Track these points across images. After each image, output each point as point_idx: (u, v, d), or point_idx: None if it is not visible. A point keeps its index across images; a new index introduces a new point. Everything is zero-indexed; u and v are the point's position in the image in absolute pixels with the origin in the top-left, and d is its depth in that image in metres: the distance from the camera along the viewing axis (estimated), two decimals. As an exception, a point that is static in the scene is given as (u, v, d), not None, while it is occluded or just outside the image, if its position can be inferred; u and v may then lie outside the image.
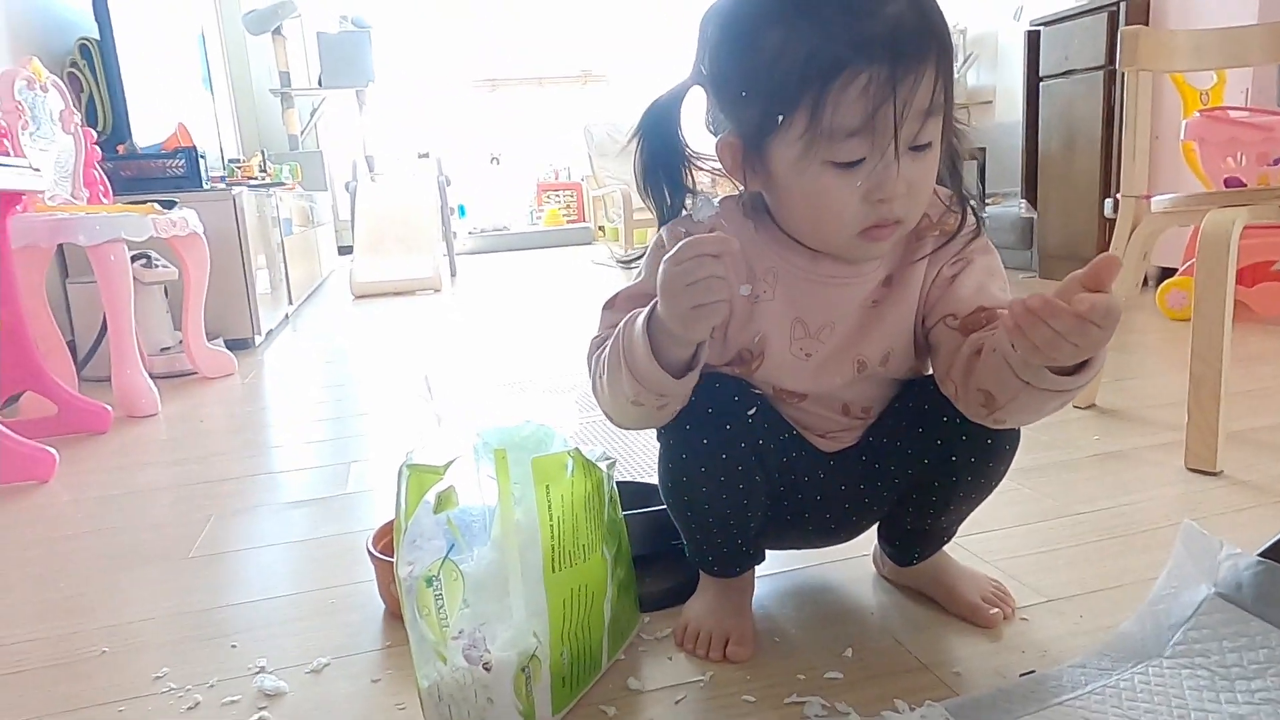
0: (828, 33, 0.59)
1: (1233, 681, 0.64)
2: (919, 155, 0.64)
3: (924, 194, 0.67)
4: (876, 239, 0.67)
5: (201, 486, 1.35)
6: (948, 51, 0.62)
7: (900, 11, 0.60)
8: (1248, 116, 2.12)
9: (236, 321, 2.57)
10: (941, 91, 0.62)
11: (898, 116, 0.60)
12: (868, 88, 0.59)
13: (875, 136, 0.61)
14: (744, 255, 0.72)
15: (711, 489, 0.74)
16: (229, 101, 5.07)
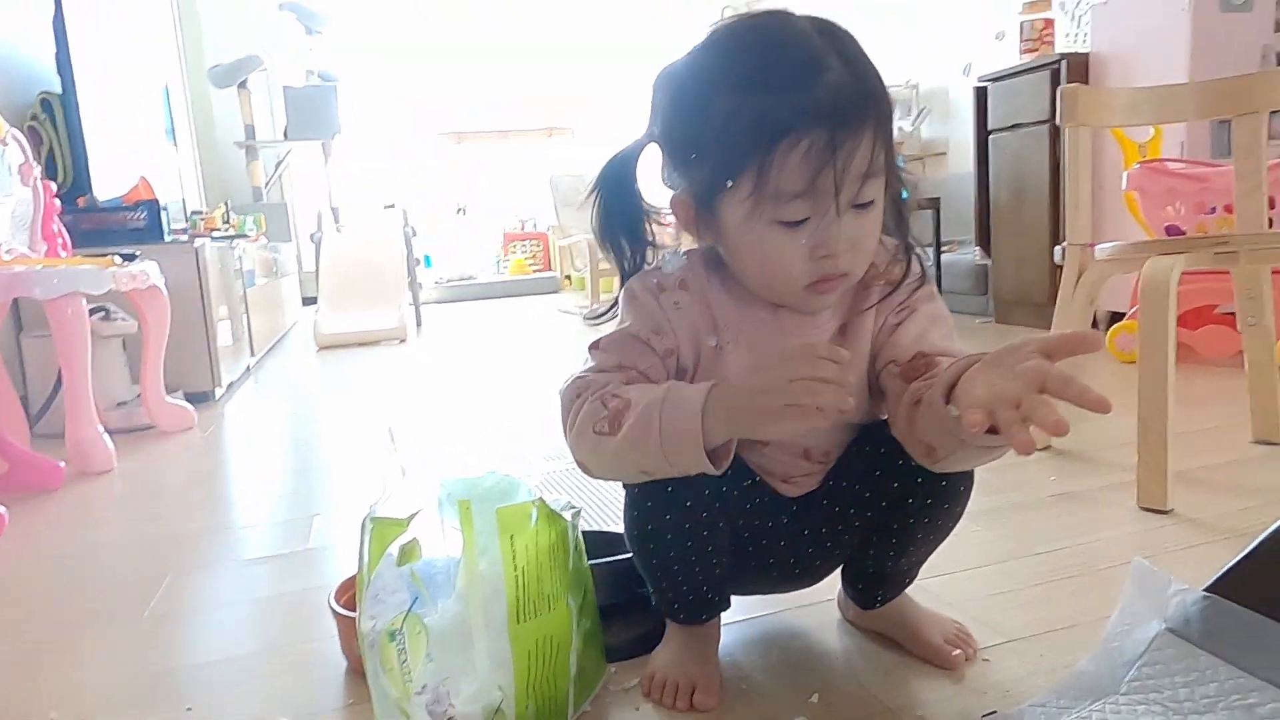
0: (772, 101, 0.62)
1: (1185, 716, 0.66)
2: (861, 212, 0.67)
3: (868, 248, 0.69)
4: (824, 291, 0.69)
5: (157, 544, 1.32)
6: (886, 115, 0.66)
7: (840, 80, 0.63)
8: (1184, 168, 2.23)
9: (197, 374, 2.54)
10: (881, 153, 0.65)
11: (838, 179, 0.63)
12: (809, 153, 0.62)
13: (817, 198, 0.64)
14: (709, 308, 0.74)
15: (677, 536, 0.75)
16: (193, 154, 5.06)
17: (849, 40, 0.66)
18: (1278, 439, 1.48)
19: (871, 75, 0.65)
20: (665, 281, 0.76)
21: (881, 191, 0.68)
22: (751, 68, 0.64)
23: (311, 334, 3.91)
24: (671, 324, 0.74)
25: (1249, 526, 0.70)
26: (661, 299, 0.75)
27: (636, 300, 0.75)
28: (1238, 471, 1.35)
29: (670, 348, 0.74)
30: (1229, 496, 1.24)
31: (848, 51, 0.65)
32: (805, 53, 0.63)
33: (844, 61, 0.64)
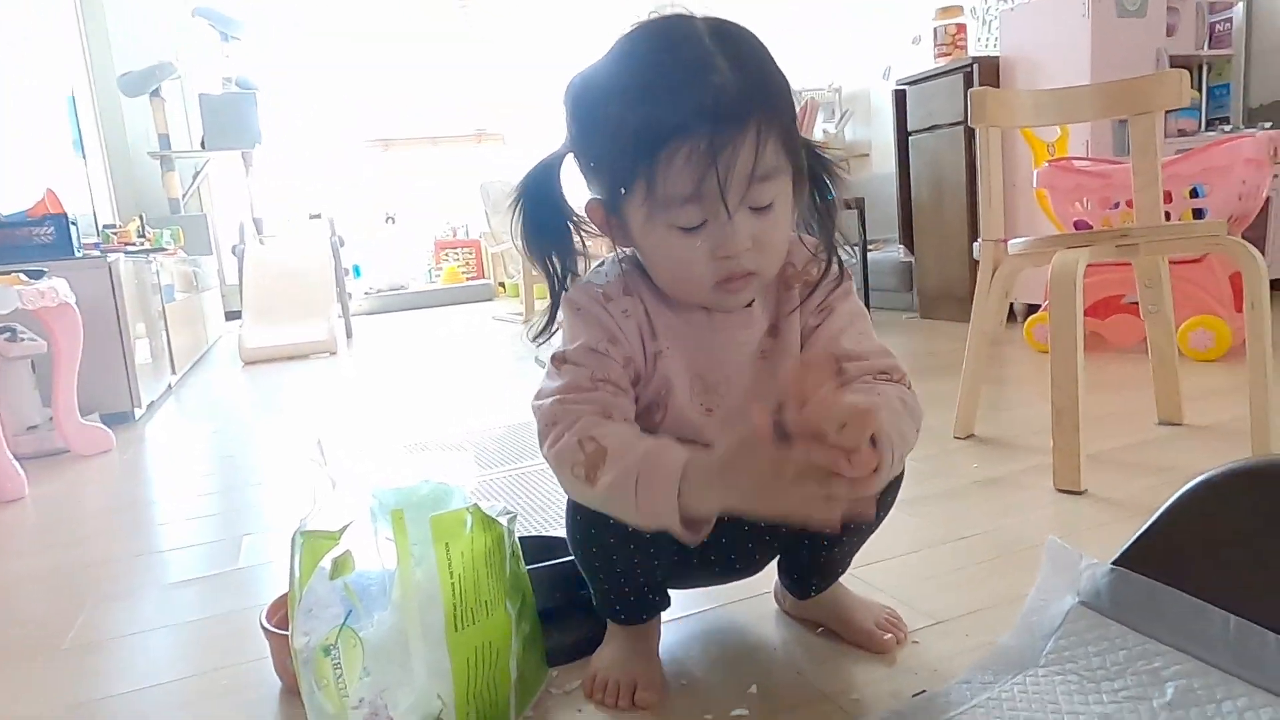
0: (654, 108, 0.63)
1: (1099, 683, 0.69)
2: (760, 214, 0.67)
3: (775, 247, 0.70)
4: (732, 290, 0.70)
5: (75, 572, 1.27)
6: (777, 116, 0.65)
7: (723, 83, 0.62)
8: (1089, 165, 2.34)
9: (114, 394, 2.43)
10: (776, 154, 0.65)
11: (722, 183, 0.63)
12: (690, 159, 0.63)
13: (706, 202, 0.65)
14: (648, 312, 0.75)
15: (619, 538, 0.75)
16: (103, 165, 4.86)
17: (744, 41, 0.66)
18: (1180, 420, 1.56)
19: (762, 75, 0.65)
20: (609, 290, 0.75)
21: (786, 191, 0.68)
22: (639, 75, 0.65)
23: (236, 349, 3.79)
24: (624, 332, 0.74)
25: (1155, 502, 0.75)
26: (610, 308, 0.74)
27: (584, 312, 0.74)
28: (1144, 451, 1.43)
29: (628, 355, 0.74)
30: (1137, 475, 1.31)
31: (741, 52, 0.65)
32: (691, 56, 0.63)
33: (733, 63, 0.63)
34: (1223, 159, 2.10)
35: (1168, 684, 0.66)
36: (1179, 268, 2.11)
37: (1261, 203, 2.28)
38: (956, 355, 1.65)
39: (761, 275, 0.71)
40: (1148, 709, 0.66)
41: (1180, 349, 1.78)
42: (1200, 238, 1.33)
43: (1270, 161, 2.19)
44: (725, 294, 0.71)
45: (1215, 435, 1.49)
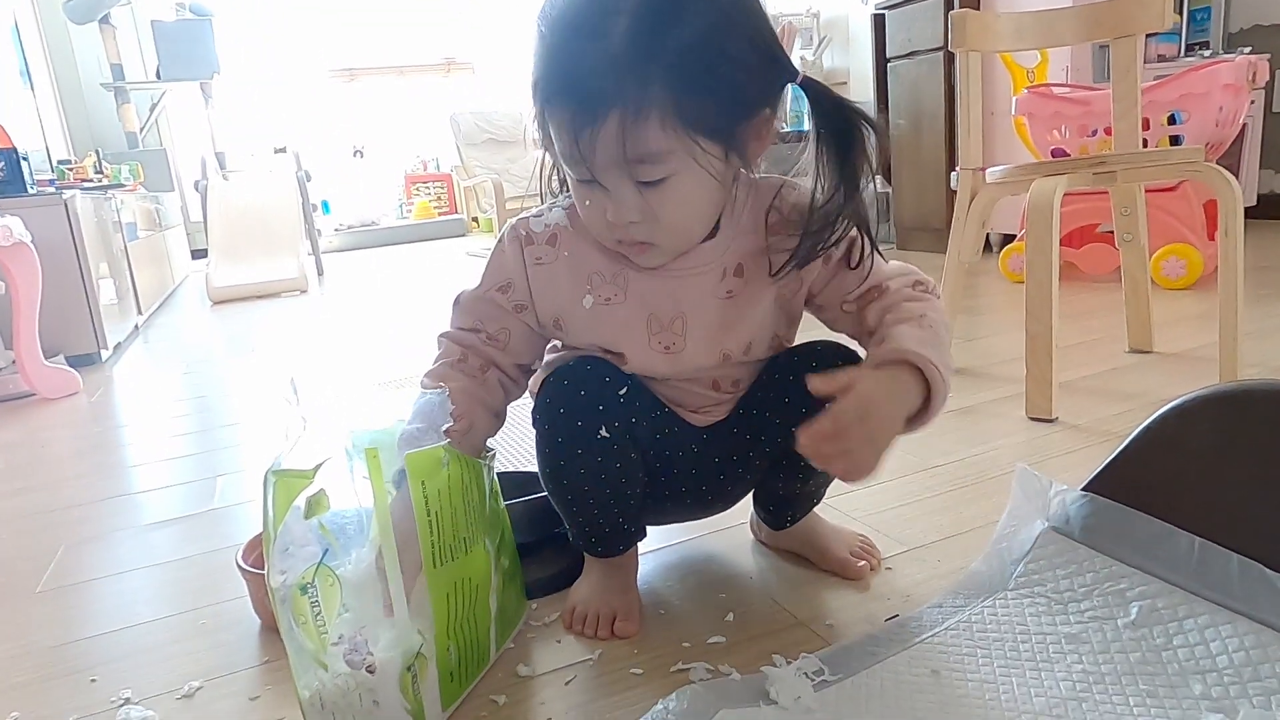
0: (543, 64, 0.63)
1: (1066, 605, 0.71)
2: (651, 188, 0.65)
3: (675, 220, 0.67)
4: (634, 254, 0.71)
5: (47, 515, 1.25)
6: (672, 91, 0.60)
7: (596, 58, 0.60)
8: (1069, 92, 2.32)
9: (78, 336, 2.38)
10: (664, 135, 0.61)
11: (585, 157, 0.62)
12: (562, 125, 0.63)
13: (581, 166, 0.64)
14: (591, 259, 0.74)
15: (589, 470, 0.75)
16: (53, 98, 4.66)
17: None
18: (1150, 348, 1.58)
19: (670, 43, 0.60)
20: (535, 234, 0.76)
21: (689, 167, 0.64)
22: (553, 19, 0.63)
23: (204, 288, 3.72)
24: (528, 280, 0.76)
25: (1125, 429, 0.76)
26: (526, 252, 0.76)
27: (497, 251, 0.78)
28: (1115, 379, 1.45)
29: (521, 303, 0.77)
30: (1107, 402, 1.33)
31: (663, 10, 0.60)
32: (595, 13, 0.61)
33: (635, 27, 0.59)
34: (1201, 85, 2.08)
35: (1132, 604, 0.68)
36: (1154, 196, 2.11)
37: (1238, 129, 2.28)
38: (932, 286, 1.66)
39: (663, 247, 0.70)
40: (1113, 628, 0.68)
41: (1153, 277, 1.79)
42: (1177, 164, 1.32)
43: (1248, 87, 2.17)
44: (629, 253, 0.71)
45: (1185, 362, 1.51)
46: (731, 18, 0.63)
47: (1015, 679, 0.65)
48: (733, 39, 0.63)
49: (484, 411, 0.76)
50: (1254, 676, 0.59)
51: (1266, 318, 1.71)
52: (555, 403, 0.74)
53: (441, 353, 0.78)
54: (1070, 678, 0.64)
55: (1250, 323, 1.62)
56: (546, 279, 0.76)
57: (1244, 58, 2.18)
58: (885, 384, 0.64)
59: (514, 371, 0.80)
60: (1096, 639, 0.67)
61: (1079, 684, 0.63)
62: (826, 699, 0.65)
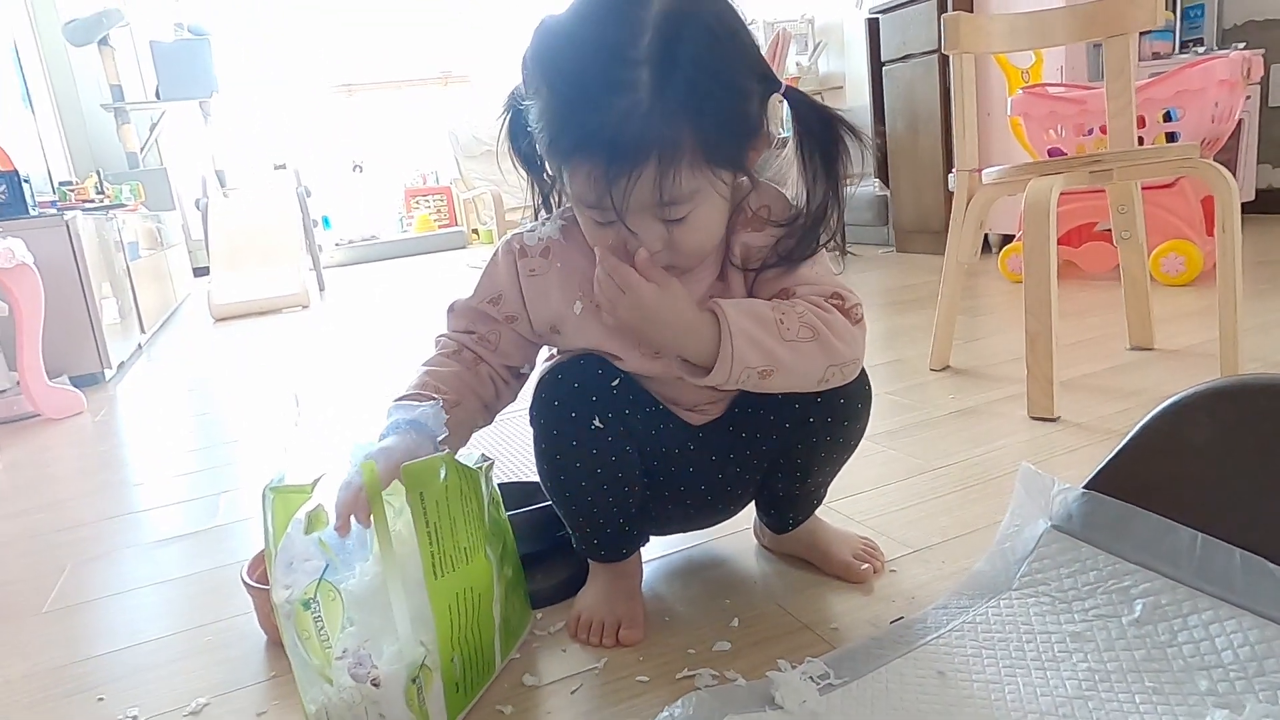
0: (567, 116, 0.63)
1: (1070, 604, 0.71)
2: (675, 223, 0.67)
3: (693, 247, 0.69)
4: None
5: (53, 535, 1.26)
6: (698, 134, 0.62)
7: (630, 107, 0.60)
8: (1064, 92, 2.32)
9: (82, 356, 2.39)
10: (692, 177, 0.63)
11: (618, 205, 0.63)
12: (590, 177, 0.64)
13: (610, 213, 0.65)
14: (581, 268, 0.75)
15: (585, 463, 0.76)
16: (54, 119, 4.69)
17: (691, 36, 0.61)
18: (1151, 345, 1.58)
19: (691, 88, 0.61)
20: (529, 246, 0.79)
21: (708, 202, 0.67)
22: (563, 74, 0.63)
23: (206, 306, 3.73)
24: (522, 291, 0.78)
25: (1126, 426, 0.75)
26: (520, 265, 0.78)
27: (491, 264, 0.80)
28: (1116, 377, 1.45)
29: (510, 314, 0.79)
30: (1109, 400, 1.32)
31: (678, 55, 0.60)
32: (614, 65, 0.61)
33: (657, 77, 0.60)
34: (1196, 81, 2.09)
35: (1136, 601, 0.68)
36: (1151, 193, 2.11)
37: (1234, 125, 2.28)
38: (932, 288, 1.66)
39: (679, 268, 0.71)
40: (1117, 626, 0.67)
41: (1152, 274, 1.79)
42: (1173, 161, 1.32)
43: (1243, 83, 2.18)
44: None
45: (1185, 359, 1.51)
46: (734, 51, 0.65)
47: (1021, 679, 0.65)
48: (733, 68, 0.65)
49: (473, 397, 0.78)
50: (1259, 671, 0.59)
51: (1267, 312, 1.70)
52: (550, 397, 0.76)
53: (438, 348, 0.81)
54: (1076, 676, 0.64)
55: (1250, 318, 1.62)
56: (540, 289, 0.78)
57: (1238, 53, 2.18)
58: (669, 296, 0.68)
59: (505, 372, 0.81)
60: (1101, 637, 0.67)
61: (1084, 682, 0.63)
62: (832, 703, 0.65)
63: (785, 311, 0.69)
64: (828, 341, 0.69)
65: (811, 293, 0.72)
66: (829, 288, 0.73)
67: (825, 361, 0.69)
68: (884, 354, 1.76)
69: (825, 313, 0.69)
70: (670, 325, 0.68)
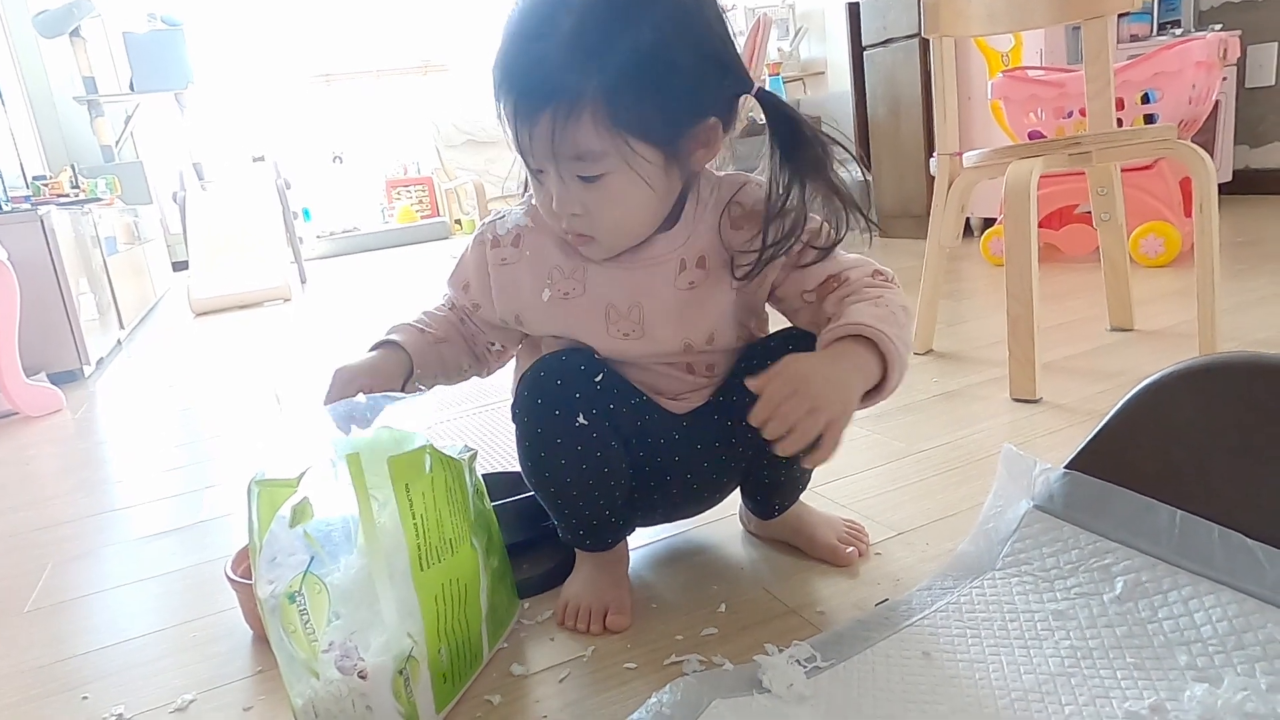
0: (496, 59, 0.66)
1: (1052, 582, 0.72)
2: (589, 184, 0.67)
3: (610, 218, 0.69)
4: (579, 245, 0.73)
5: (34, 534, 1.24)
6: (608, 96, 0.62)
7: (540, 53, 0.63)
8: (1044, 75, 2.33)
9: (60, 353, 2.36)
10: (599, 136, 0.63)
11: (523, 148, 0.66)
12: (506, 116, 0.66)
13: (528, 158, 0.68)
14: (551, 256, 0.76)
15: (570, 459, 0.75)
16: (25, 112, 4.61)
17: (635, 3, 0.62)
18: (1131, 326, 1.60)
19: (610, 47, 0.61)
20: (500, 237, 0.80)
21: (624, 169, 0.66)
22: (511, 19, 0.66)
23: (186, 300, 3.69)
24: (490, 280, 0.80)
25: (1107, 407, 0.76)
26: (491, 255, 0.80)
27: (464, 254, 0.83)
28: (1097, 358, 1.46)
29: (477, 302, 0.82)
30: (1090, 381, 1.34)
31: (608, 14, 0.62)
32: (547, 13, 0.63)
33: (576, 28, 0.62)
34: (1173, 63, 2.10)
35: (1117, 579, 0.69)
36: (1130, 175, 2.12)
37: (1211, 106, 2.30)
38: (915, 273, 1.66)
39: (602, 243, 0.72)
40: (1099, 603, 0.68)
41: (1132, 256, 1.80)
42: (1150, 142, 1.33)
43: (1220, 64, 2.19)
44: (574, 244, 0.73)
45: (1165, 339, 1.53)
46: (682, 27, 0.65)
47: (1005, 657, 0.66)
48: (679, 48, 0.65)
49: (459, 339, 0.83)
50: (1238, 645, 0.60)
51: (1244, 292, 1.72)
52: (533, 394, 0.75)
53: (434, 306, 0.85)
54: (1059, 654, 0.65)
55: (1228, 297, 1.64)
56: (509, 278, 0.79)
57: (1215, 35, 2.20)
58: (822, 359, 0.65)
59: (479, 344, 0.85)
60: (1083, 614, 0.68)
61: (1067, 660, 0.64)
62: (819, 685, 0.65)
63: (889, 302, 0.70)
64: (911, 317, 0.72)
65: (860, 275, 0.73)
66: (870, 266, 0.75)
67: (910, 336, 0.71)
68: (868, 339, 1.77)
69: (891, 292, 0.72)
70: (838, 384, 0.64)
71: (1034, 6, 1.57)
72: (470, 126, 5.26)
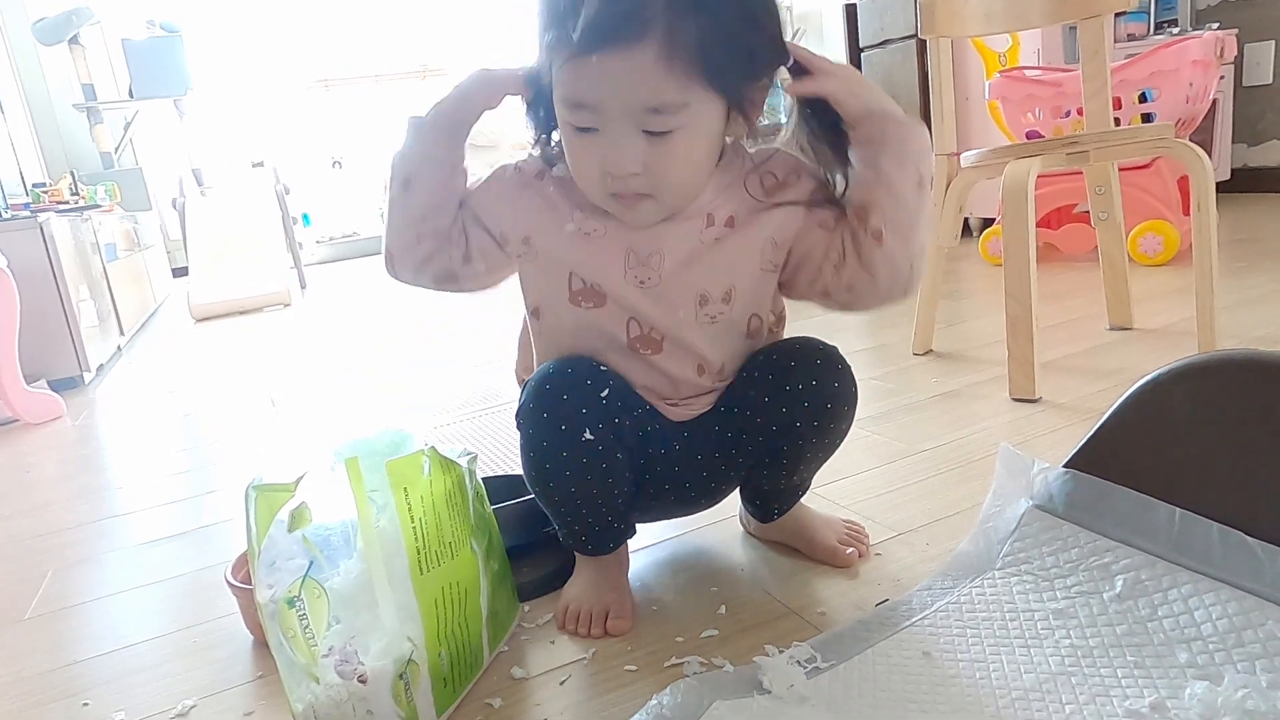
0: (564, 11, 0.62)
1: (1052, 581, 0.72)
2: (657, 139, 0.65)
3: (673, 176, 0.68)
4: (627, 206, 0.70)
5: (34, 540, 1.24)
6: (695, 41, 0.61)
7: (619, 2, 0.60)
8: (1041, 75, 2.33)
9: (60, 360, 2.36)
10: (683, 86, 0.62)
11: (602, 102, 0.64)
12: (581, 72, 0.63)
13: (596, 114, 0.65)
14: (575, 194, 0.74)
15: (575, 472, 0.75)
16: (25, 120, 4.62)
17: None
18: (1130, 324, 1.60)
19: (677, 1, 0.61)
20: (526, 166, 0.77)
21: (698, 122, 0.66)
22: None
23: (186, 306, 3.70)
24: (509, 196, 0.76)
25: (1105, 405, 0.76)
26: (513, 175, 0.77)
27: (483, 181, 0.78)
28: (1096, 357, 1.46)
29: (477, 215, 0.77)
30: (1089, 380, 1.34)
31: None
32: None
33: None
34: (1171, 62, 2.10)
35: (1117, 577, 0.69)
36: (1128, 174, 2.13)
37: (1208, 105, 2.30)
38: (913, 272, 1.66)
39: (659, 200, 0.70)
40: (1099, 602, 0.68)
41: (1130, 254, 1.80)
42: (1148, 141, 1.33)
43: (1217, 63, 2.19)
44: (622, 207, 0.70)
45: (1164, 337, 1.53)
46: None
47: (1005, 657, 0.66)
48: (761, 6, 0.65)
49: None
50: (1238, 643, 0.60)
51: (1242, 290, 1.72)
52: (538, 407, 0.74)
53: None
54: (1059, 653, 0.65)
55: (1226, 295, 1.64)
56: (531, 205, 0.76)
57: (1212, 33, 2.20)
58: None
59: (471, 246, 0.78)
60: (1083, 613, 0.68)
61: (1068, 658, 0.64)
62: (819, 686, 0.65)
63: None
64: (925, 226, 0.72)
65: None
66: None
67: (921, 240, 0.72)
68: (867, 339, 1.77)
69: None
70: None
71: (1031, 6, 1.57)
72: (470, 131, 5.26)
